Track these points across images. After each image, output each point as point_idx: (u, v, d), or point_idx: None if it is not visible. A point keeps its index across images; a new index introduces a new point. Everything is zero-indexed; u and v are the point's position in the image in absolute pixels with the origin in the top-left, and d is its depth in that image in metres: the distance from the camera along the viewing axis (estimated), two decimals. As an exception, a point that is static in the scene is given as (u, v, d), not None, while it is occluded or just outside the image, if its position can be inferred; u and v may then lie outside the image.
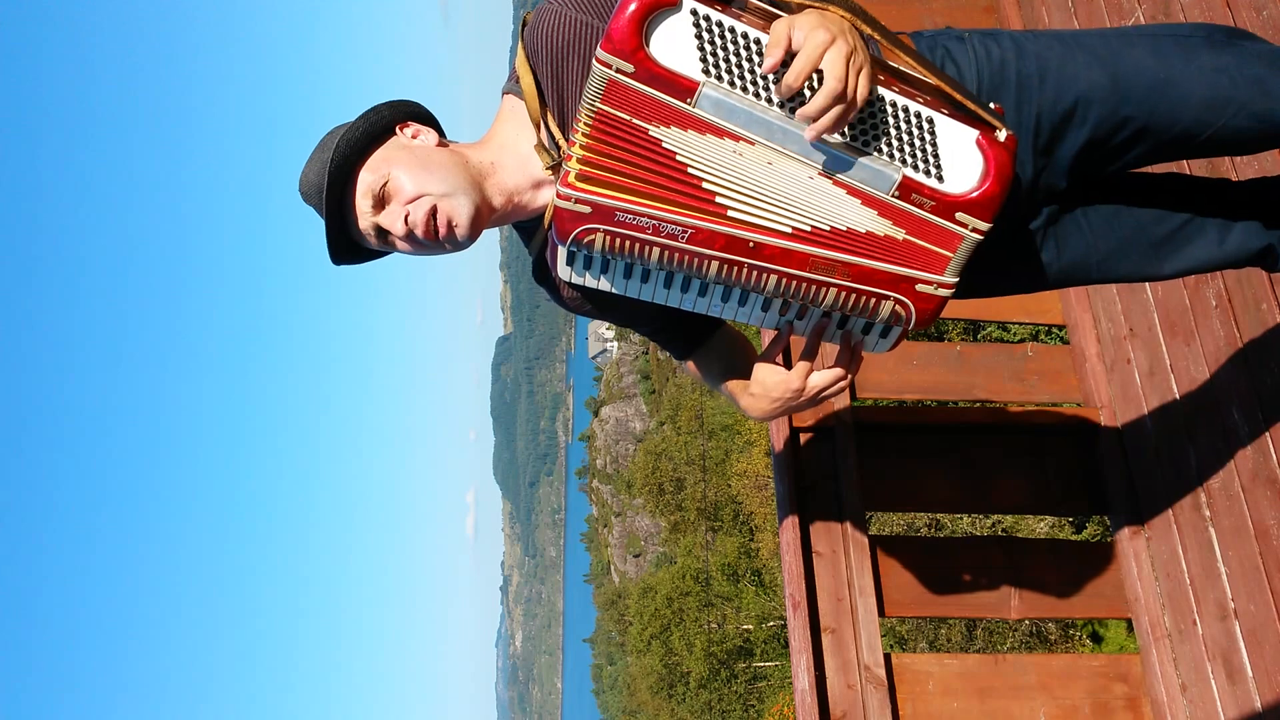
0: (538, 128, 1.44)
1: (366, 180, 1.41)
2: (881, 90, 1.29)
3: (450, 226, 1.40)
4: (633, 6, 1.22)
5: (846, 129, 1.29)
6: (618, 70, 1.24)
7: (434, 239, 1.41)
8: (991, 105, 1.36)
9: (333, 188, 1.40)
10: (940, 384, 3.09)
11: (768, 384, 1.52)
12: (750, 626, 33.45)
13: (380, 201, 1.42)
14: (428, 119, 1.51)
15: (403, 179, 1.40)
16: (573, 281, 1.42)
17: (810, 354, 1.49)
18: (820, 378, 1.49)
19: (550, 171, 1.44)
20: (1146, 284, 2.85)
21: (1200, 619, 2.56)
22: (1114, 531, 2.89)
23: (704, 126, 1.28)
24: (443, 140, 1.49)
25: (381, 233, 1.43)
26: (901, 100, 1.30)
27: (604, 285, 1.41)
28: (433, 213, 1.39)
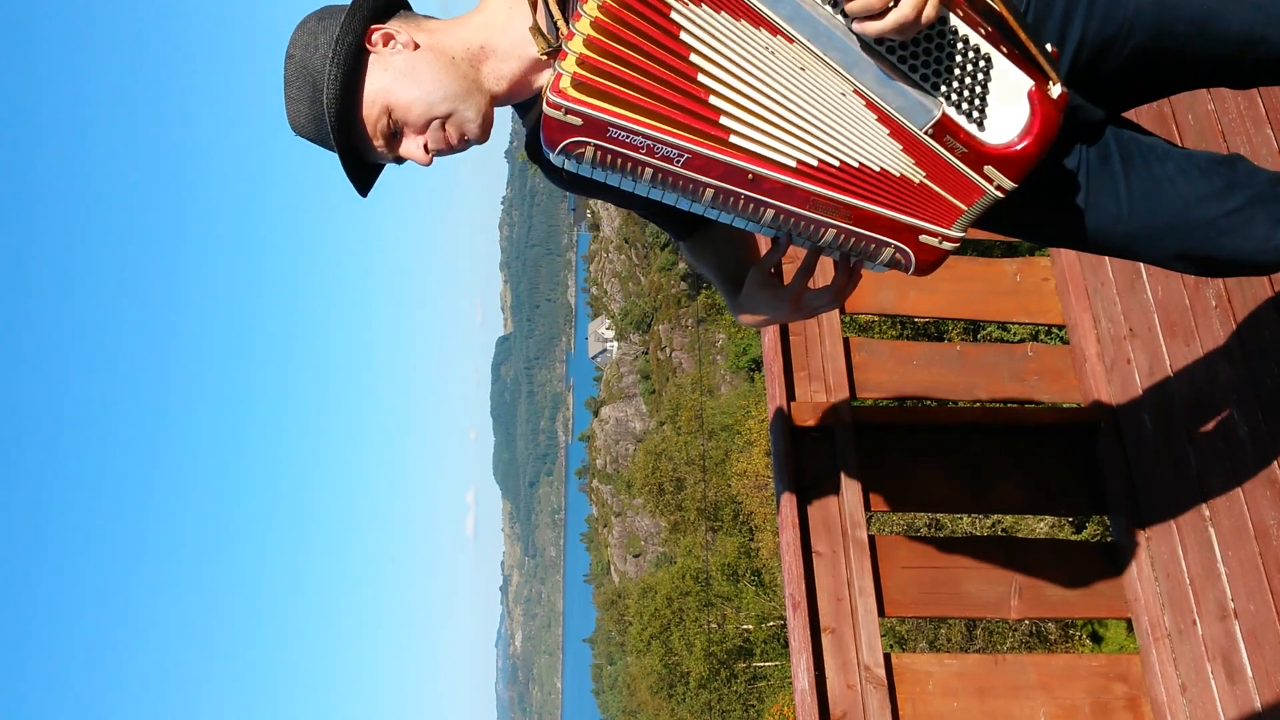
0: (534, 7, 1.35)
1: (370, 120, 1.38)
2: (947, 12, 1.16)
3: (464, 138, 1.39)
4: None
5: (898, 47, 1.16)
6: None
7: (453, 149, 1.41)
8: (1048, 47, 1.24)
9: (340, 139, 1.37)
10: (940, 384, 3.09)
11: (760, 296, 1.48)
12: (750, 626, 33.46)
13: (392, 136, 1.39)
14: (390, 5, 1.42)
15: (405, 111, 1.37)
16: (566, 168, 1.32)
17: (807, 270, 1.43)
18: (813, 296, 1.44)
19: (548, 57, 1.35)
20: (1146, 284, 2.85)
21: (1200, 619, 2.56)
22: (1114, 531, 2.90)
23: (741, 8, 1.12)
24: (418, 26, 1.41)
25: (401, 159, 1.43)
26: (964, 28, 1.17)
27: (598, 177, 1.30)
28: (446, 132, 1.38)
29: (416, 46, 1.38)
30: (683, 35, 1.15)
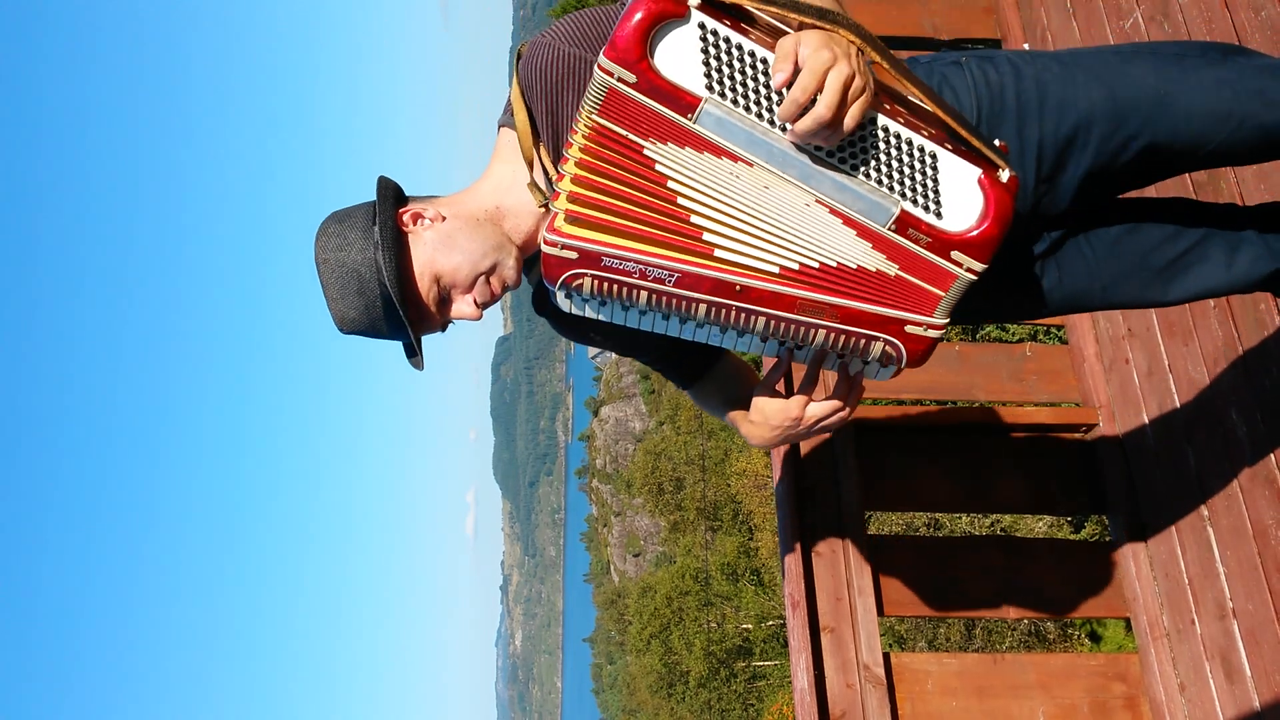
0: (530, 165, 1.45)
1: (424, 292, 1.45)
2: (885, 120, 1.26)
3: (505, 287, 1.47)
4: (639, 15, 1.18)
5: (848, 156, 1.26)
6: (619, 79, 1.21)
7: (496, 299, 1.48)
8: (996, 142, 1.34)
9: (407, 325, 1.44)
10: (940, 384, 3.10)
11: (767, 412, 1.51)
12: (749, 626, 33.47)
13: (444, 302, 1.47)
14: (399, 194, 1.50)
15: (450, 276, 1.44)
16: (571, 312, 1.40)
17: (810, 383, 1.47)
18: (818, 408, 1.47)
19: (544, 209, 1.45)
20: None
21: (1199, 618, 2.57)
22: (1113, 531, 2.90)
23: (703, 144, 1.25)
24: (437, 210, 1.48)
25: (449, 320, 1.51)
26: (906, 132, 1.27)
27: (604, 316, 1.39)
28: (491, 287, 1.46)
29: (443, 218, 1.46)
30: (658, 167, 1.26)
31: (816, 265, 1.30)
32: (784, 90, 1.20)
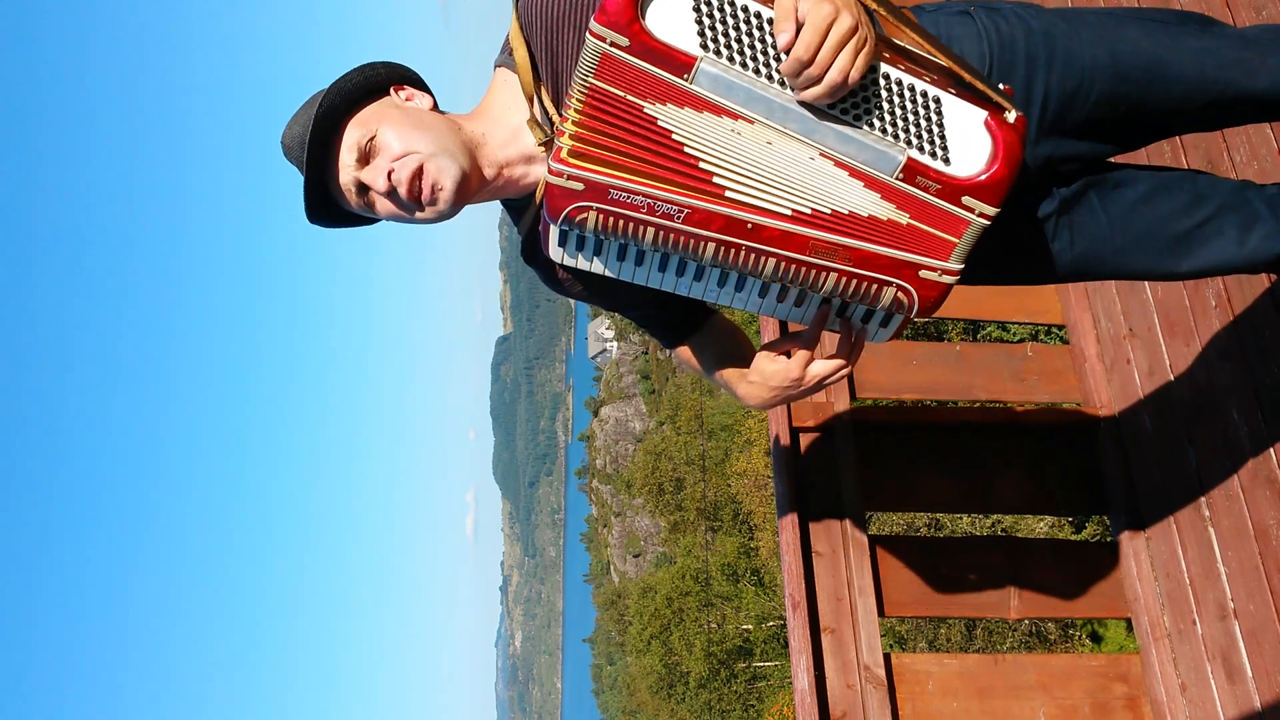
0: (530, 102, 1.41)
1: (354, 135, 1.37)
2: (887, 68, 1.24)
3: (435, 190, 1.36)
4: None
5: (851, 108, 1.24)
6: (612, 44, 1.19)
7: (416, 200, 1.37)
8: (1001, 86, 1.32)
9: (317, 136, 1.35)
10: (940, 384, 3.09)
11: (766, 372, 1.51)
12: (750, 626, 33.48)
13: (365, 157, 1.38)
14: (422, 86, 1.48)
15: (390, 135, 1.36)
16: (564, 263, 1.37)
17: (810, 343, 1.46)
18: (820, 367, 1.47)
19: (543, 148, 1.41)
20: (1146, 284, 2.85)
21: (1200, 619, 2.56)
22: (1114, 531, 2.89)
23: (701, 104, 1.22)
24: (436, 108, 1.46)
25: (362, 189, 1.39)
26: (908, 79, 1.25)
27: (596, 267, 1.36)
28: (418, 173, 1.35)
29: (435, 110, 1.44)
30: (660, 124, 1.24)
31: (828, 211, 1.28)
32: (784, 49, 1.18)
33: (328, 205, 1.43)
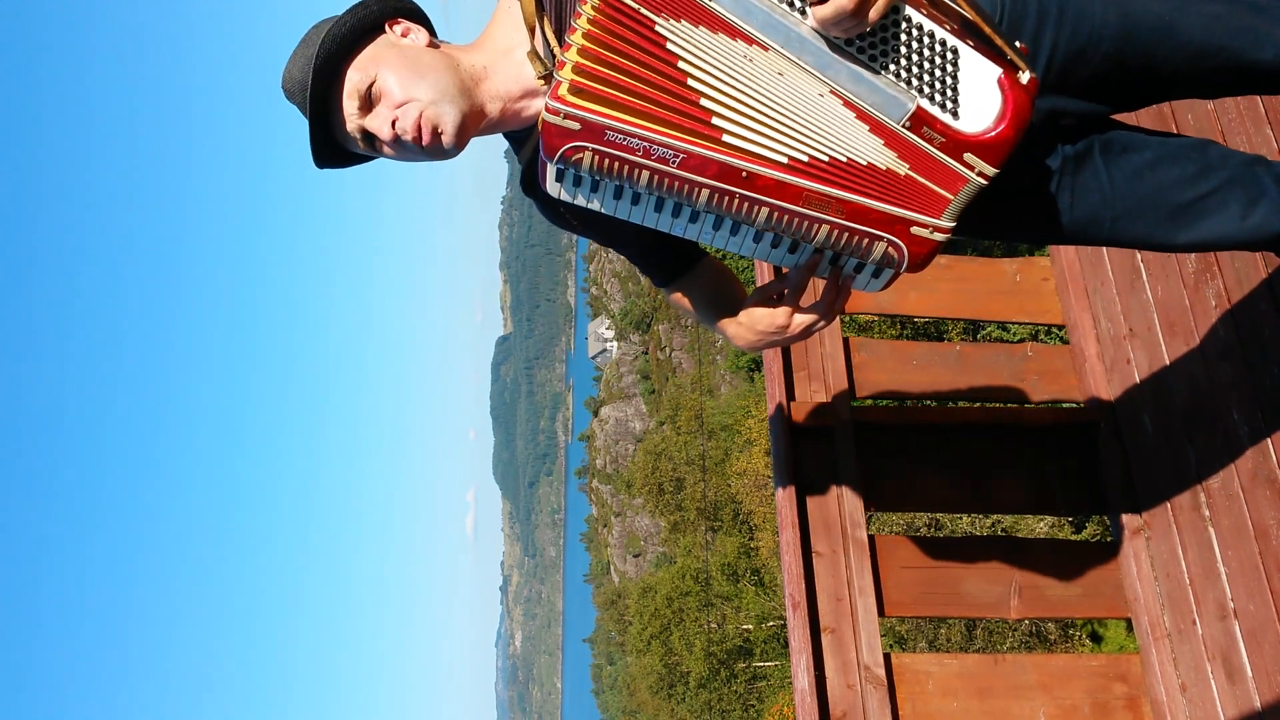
0: (532, 33, 1.40)
1: (354, 80, 1.37)
2: (909, 9, 1.23)
3: (436, 134, 1.37)
4: None
5: (868, 46, 1.22)
6: None
7: (421, 146, 1.38)
8: (1018, 44, 1.30)
9: (318, 85, 1.35)
10: (940, 384, 3.09)
11: (754, 315, 1.52)
12: (750, 626, 33.48)
13: (367, 103, 1.38)
14: (419, 16, 1.47)
15: (390, 81, 1.36)
16: (560, 199, 1.36)
17: (797, 291, 1.47)
18: (804, 317, 1.48)
19: (542, 81, 1.40)
20: (1146, 283, 2.85)
21: (1200, 619, 2.56)
22: (1114, 531, 2.89)
23: (717, 23, 1.19)
24: (434, 40, 1.45)
25: (368, 136, 1.40)
26: (929, 24, 1.23)
27: (594, 205, 1.34)
28: (419, 119, 1.36)
29: (432, 45, 1.42)
30: (669, 46, 1.21)
31: (826, 159, 1.26)
32: None
33: (334, 149, 1.45)
